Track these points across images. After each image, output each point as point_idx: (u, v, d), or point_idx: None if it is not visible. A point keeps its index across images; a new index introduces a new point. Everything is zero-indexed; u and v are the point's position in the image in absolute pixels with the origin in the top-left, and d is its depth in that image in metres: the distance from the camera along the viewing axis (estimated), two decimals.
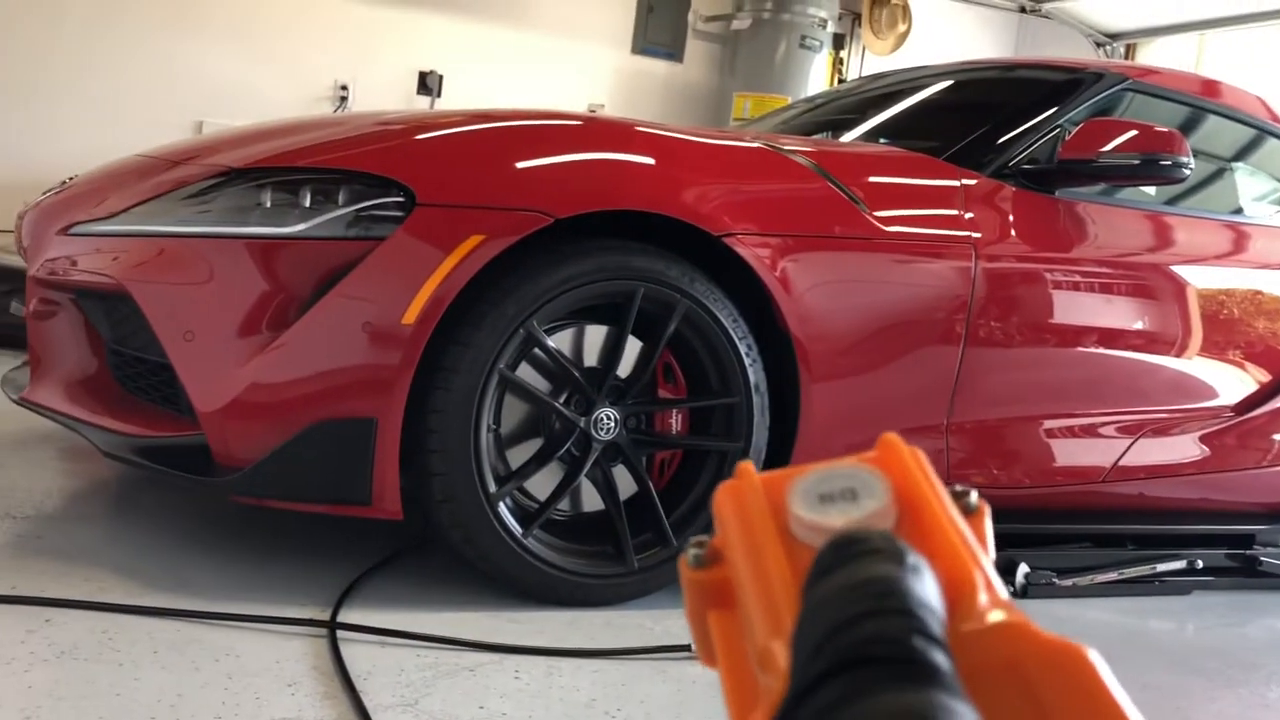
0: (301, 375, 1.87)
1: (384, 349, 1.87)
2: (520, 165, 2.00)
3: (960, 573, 0.37)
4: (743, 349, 2.15)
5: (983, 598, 0.36)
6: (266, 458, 1.87)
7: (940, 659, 0.32)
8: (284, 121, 2.45)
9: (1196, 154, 2.71)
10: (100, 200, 2.14)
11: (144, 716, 1.40)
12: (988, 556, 0.40)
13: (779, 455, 2.23)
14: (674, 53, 6.85)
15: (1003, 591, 0.37)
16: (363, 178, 1.93)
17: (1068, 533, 2.72)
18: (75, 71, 5.20)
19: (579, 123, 2.20)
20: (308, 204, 1.92)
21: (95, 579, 1.86)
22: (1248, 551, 2.97)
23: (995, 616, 0.36)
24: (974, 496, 0.42)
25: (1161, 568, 2.78)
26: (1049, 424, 2.55)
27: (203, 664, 1.58)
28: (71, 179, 2.53)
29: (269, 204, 1.93)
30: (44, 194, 2.46)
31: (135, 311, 1.97)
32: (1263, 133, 3.16)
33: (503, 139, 2.07)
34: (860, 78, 4.22)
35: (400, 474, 1.91)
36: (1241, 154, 3.19)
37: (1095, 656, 0.34)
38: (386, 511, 1.91)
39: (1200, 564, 2.80)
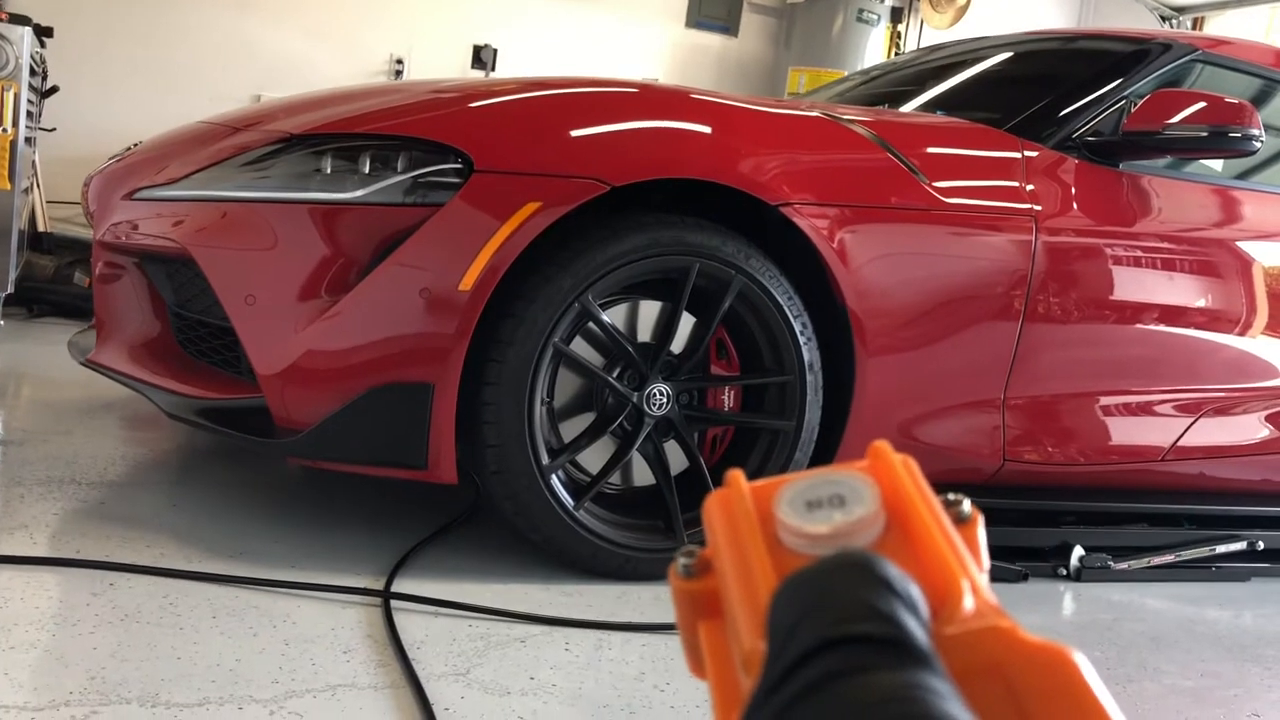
0: (359, 341, 1.89)
1: (441, 315, 1.87)
2: (576, 133, 1.99)
3: (945, 578, 0.37)
4: (797, 327, 2.13)
5: (968, 603, 0.36)
6: (325, 420, 1.89)
7: (923, 640, 0.33)
8: (342, 89, 2.47)
9: (1268, 128, 2.62)
10: (164, 166, 2.17)
11: (204, 679, 1.43)
12: (980, 564, 0.40)
13: (831, 432, 2.22)
14: (729, 26, 6.78)
15: (992, 598, 0.37)
16: (421, 144, 1.93)
17: (1125, 511, 2.66)
18: (140, 47, 5.28)
19: (635, 90, 2.18)
20: (367, 170, 1.92)
21: (157, 545, 1.90)
22: None
23: (979, 621, 0.36)
24: (966, 505, 0.42)
25: (1221, 549, 2.72)
26: (1107, 401, 2.50)
27: (260, 630, 1.61)
28: (136, 145, 2.57)
29: (328, 170, 1.94)
30: (109, 160, 2.51)
31: (198, 275, 2.00)
32: None
33: (559, 106, 2.06)
34: (918, 49, 4.14)
35: (457, 443, 1.93)
36: None
37: (1080, 659, 0.33)
38: (442, 477, 1.93)
39: (1261, 545, 2.74)
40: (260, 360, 1.93)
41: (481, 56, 6.09)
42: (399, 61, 5.83)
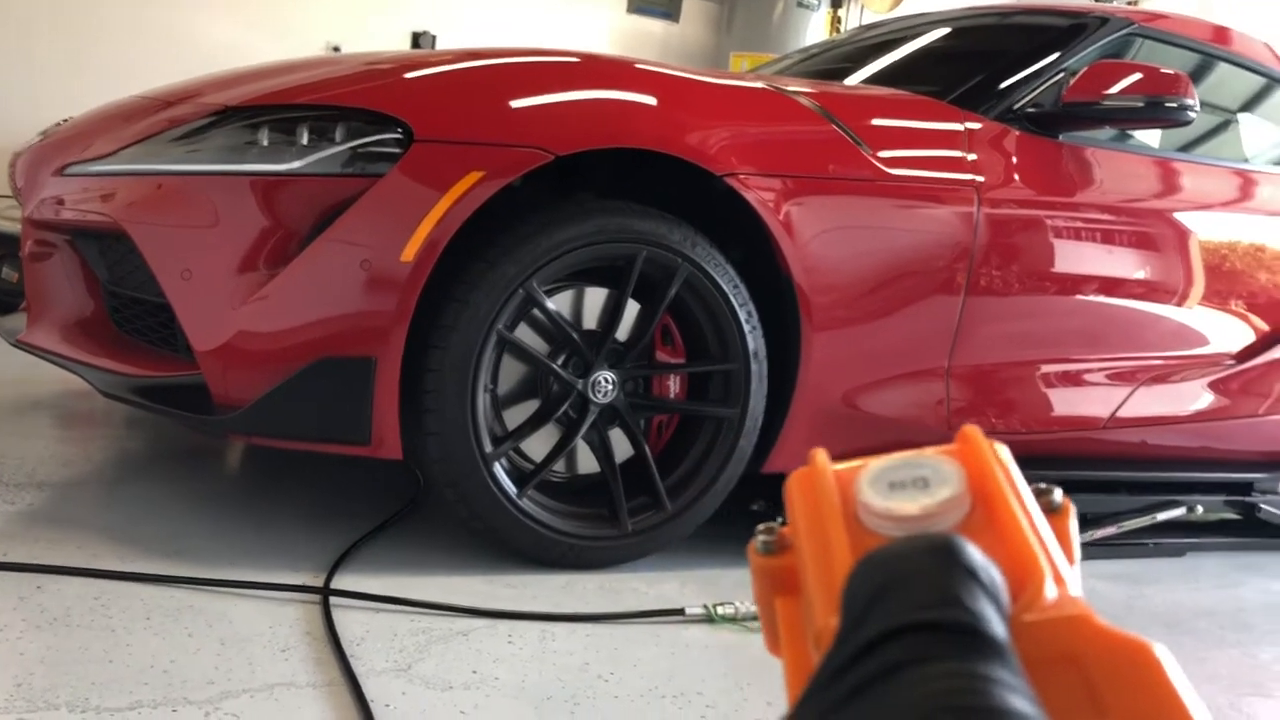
0: (298, 315, 1.86)
1: (382, 287, 1.85)
2: (519, 102, 1.96)
3: (1027, 564, 0.37)
4: (743, 315, 2.13)
5: (1050, 591, 0.36)
6: (265, 396, 1.86)
7: (998, 629, 0.32)
8: (276, 63, 2.42)
9: (1204, 103, 2.67)
10: (95, 141, 2.12)
11: (136, 682, 1.40)
12: (1070, 554, 0.39)
13: (775, 406, 2.21)
14: (669, 12, 6.77)
15: (1077, 589, 0.37)
16: (360, 114, 1.90)
17: (1068, 479, 2.71)
18: (69, 39, 5.15)
19: (578, 60, 2.15)
20: (305, 141, 1.89)
21: (88, 546, 1.86)
22: (1246, 499, 2.97)
23: (1058, 610, 0.35)
24: (1058, 495, 0.42)
25: (1161, 516, 2.77)
26: (1049, 371, 2.52)
27: (196, 630, 1.58)
28: (65, 121, 2.51)
29: (265, 142, 1.91)
30: (39, 135, 2.45)
31: (132, 251, 1.96)
32: (1272, 81, 3.11)
33: (501, 76, 2.03)
34: (858, 27, 4.16)
35: (401, 420, 1.90)
36: (1250, 103, 3.14)
37: (1163, 652, 0.33)
38: (386, 452, 1.90)
39: (1200, 510, 2.80)
40: (197, 336, 1.89)
41: (420, 43, 6.03)
42: (336, 49, 5.75)
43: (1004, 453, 0.42)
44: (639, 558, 2.13)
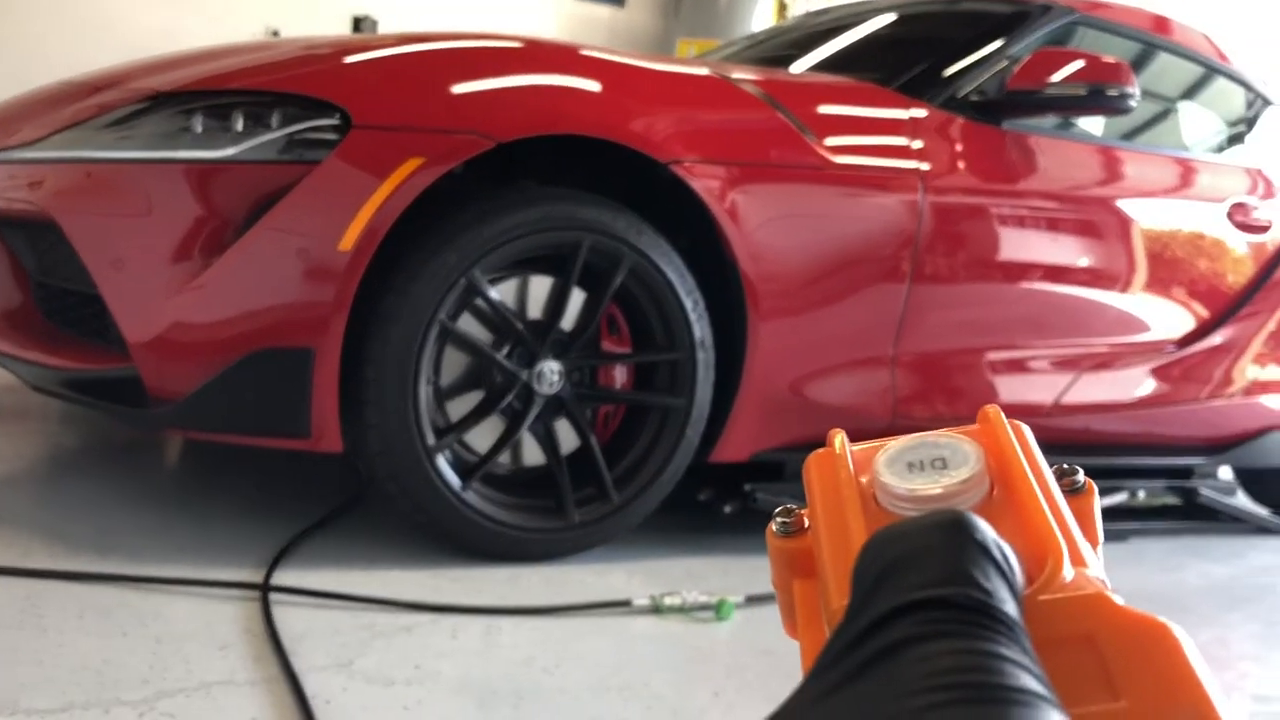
0: (234, 305, 1.83)
1: (319, 276, 1.82)
2: (460, 87, 1.94)
3: (1044, 543, 0.36)
4: (689, 304, 2.12)
5: (1067, 570, 0.35)
6: (201, 388, 1.83)
7: (1009, 607, 0.32)
8: (208, 48, 2.37)
9: (1144, 91, 2.71)
10: (21, 127, 2.05)
11: (68, 683, 1.37)
12: (1093, 536, 0.39)
13: (719, 395, 2.21)
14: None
15: (1097, 570, 0.36)
16: (297, 100, 1.86)
17: None
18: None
19: (520, 45, 2.13)
20: (240, 128, 1.85)
21: (19, 544, 1.81)
22: (1187, 483, 3.03)
23: (1074, 589, 0.35)
24: (1080, 476, 0.41)
25: (1104, 502, 2.82)
26: (993, 358, 2.55)
27: (130, 629, 1.54)
28: None
29: (199, 128, 1.86)
30: None
31: (61, 240, 1.90)
32: (1210, 70, 3.17)
33: (441, 60, 2.01)
34: (805, 13, 4.17)
35: (341, 413, 1.88)
36: (1189, 92, 3.18)
37: (1180, 633, 0.33)
38: (327, 446, 1.88)
39: (1142, 494, 2.85)
40: (130, 328, 1.85)
41: (362, 28, 5.94)
42: (275, 33, 5.64)
43: (1026, 433, 0.42)
44: (586, 549, 2.12)
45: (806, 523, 0.44)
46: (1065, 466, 0.42)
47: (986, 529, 0.34)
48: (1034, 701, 0.28)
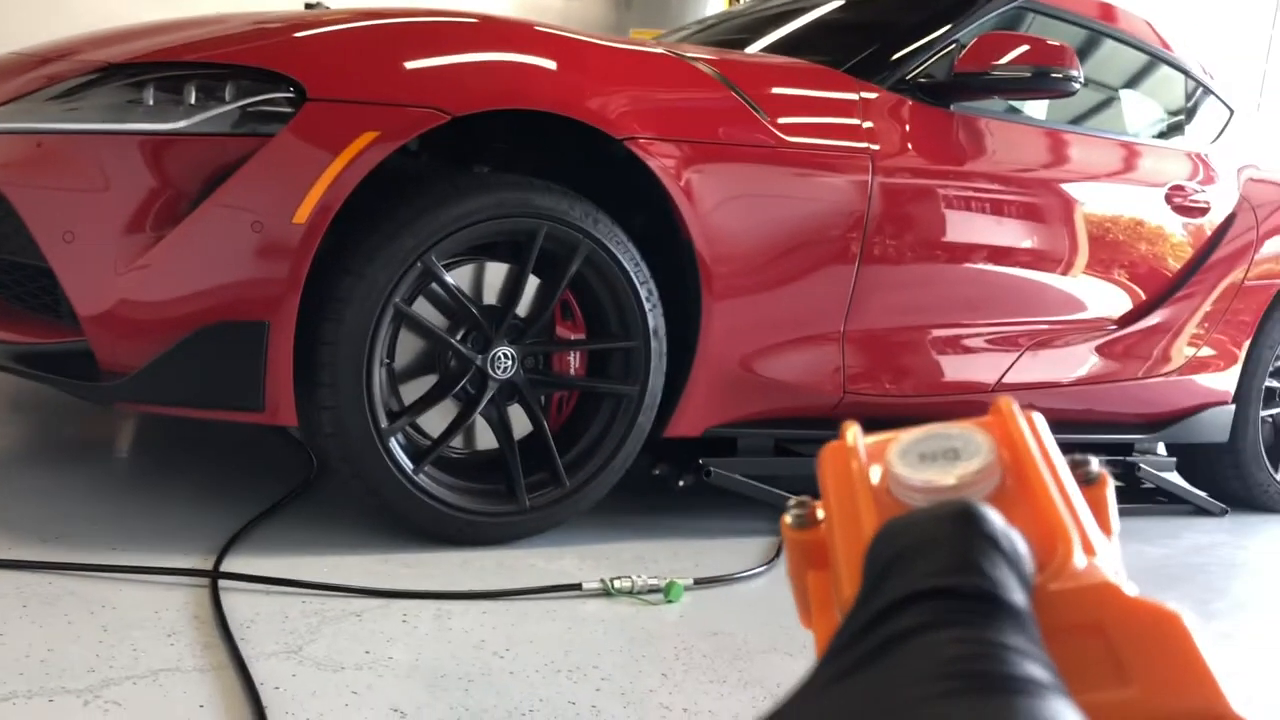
0: (187, 278, 1.80)
1: (274, 249, 1.80)
2: (416, 61, 1.92)
3: (1055, 533, 0.36)
4: (643, 293, 2.12)
5: (1079, 560, 0.35)
6: (154, 361, 1.81)
7: (1017, 596, 0.32)
8: (159, 21, 2.33)
9: (1089, 78, 2.75)
10: None
11: (10, 673, 1.34)
12: (1107, 526, 0.39)
13: (673, 372, 2.22)
14: None
15: (1111, 559, 0.36)
16: (251, 72, 1.83)
17: None
18: None
19: (475, 20, 2.10)
20: (192, 100, 1.82)
21: None
22: (1127, 458, 3.10)
23: (1083, 578, 0.35)
24: (1094, 466, 0.41)
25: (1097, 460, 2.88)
26: (940, 337, 2.58)
27: (76, 617, 1.52)
28: None
29: (151, 101, 1.83)
30: None
31: (9, 213, 1.87)
32: (1154, 58, 3.21)
33: (397, 35, 1.98)
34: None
35: (296, 389, 1.86)
36: (1133, 78, 3.23)
37: (1190, 620, 0.33)
38: (281, 419, 1.86)
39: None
40: (81, 301, 1.82)
41: (312, 7, 5.86)
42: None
43: (1039, 423, 0.42)
44: (537, 533, 2.12)
45: (820, 514, 0.44)
46: (1079, 457, 0.42)
47: (996, 519, 0.34)
48: (1039, 690, 0.28)
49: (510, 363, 2.06)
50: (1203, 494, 3.35)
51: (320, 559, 1.88)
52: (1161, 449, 3.34)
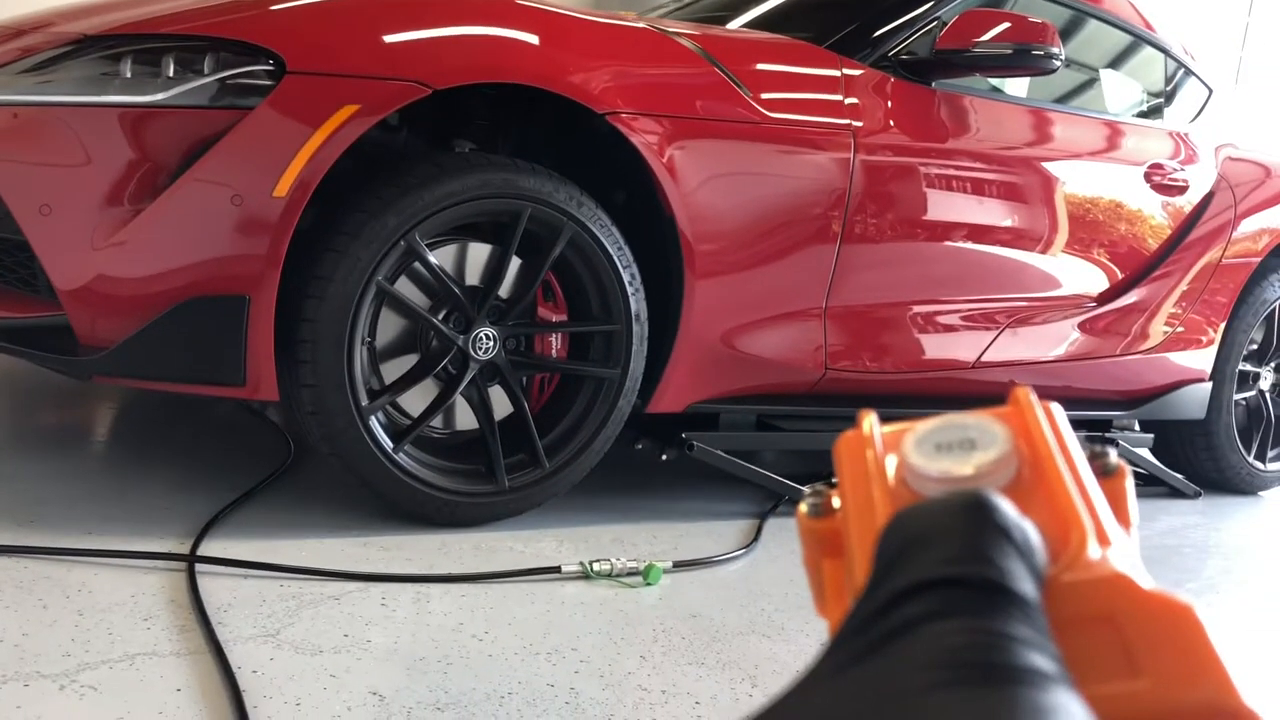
0: (166, 251, 1.77)
1: (254, 223, 1.77)
2: (397, 33, 1.89)
3: (1070, 524, 0.36)
4: (626, 277, 2.11)
5: (1093, 551, 0.35)
6: (134, 336, 1.78)
7: (1026, 586, 0.31)
8: None
9: (1071, 58, 2.75)
10: None
11: None
12: (1125, 517, 0.39)
13: (655, 348, 2.22)
14: None
15: (1126, 550, 0.36)
16: (230, 44, 1.80)
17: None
18: None
19: None
20: (170, 73, 1.78)
21: None
22: (1106, 434, 3.12)
23: (1096, 570, 0.34)
24: (1113, 457, 0.41)
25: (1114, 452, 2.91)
26: (921, 314, 2.57)
27: (51, 601, 1.50)
28: None
29: (128, 73, 1.79)
30: None
31: None
32: (1136, 38, 3.21)
33: (378, 8, 1.95)
34: None
35: (277, 364, 1.85)
36: (1115, 59, 3.22)
37: (1203, 613, 0.32)
38: (262, 394, 1.84)
39: None
40: (59, 275, 1.79)
41: None
42: None
43: (1058, 414, 0.41)
44: (516, 514, 2.11)
45: (836, 503, 0.44)
46: (1098, 449, 0.41)
47: (1007, 508, 0.34)
48: (1042, 681, 0.28)
49: (492, 343, 2.05)
50: (1179, 476, 3.39)
51: (298, 543, 1.86)
52: (1138, 426, 3.38)
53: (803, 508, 0.44)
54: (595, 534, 2.13)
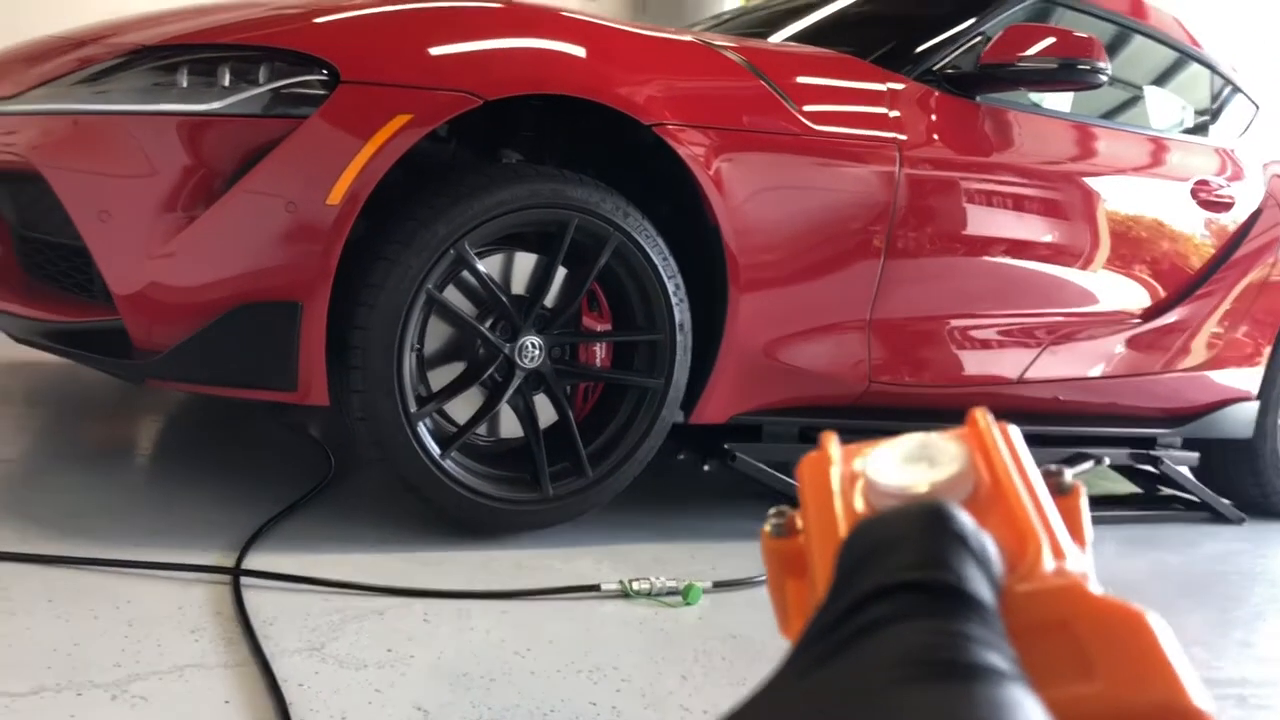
0: (221, 258, 1.78)
1: (308, 229, 1.78)
2: (449, 45, 1.89)
3: (1025, 536, 0.37)
4: (670, 287, 2.09)
5: (1047, 562, 0.36)
6: (188, 340, 1.79)
7: (982, 590, 0.32)
8: (194, 5, 2.30)
9: (1116, 75, 2.70)
10: (5, 79, 1.99)
11: (39, 666, 1.33)
12: (1080, 535, 0.40)
13: (698, 359, 2.21)
14: None
15: (1078, 563, 0.37)
16: (285, 54, 1.81)
17: None
18: None
19: (501, 6, 2.07)
20: (226, 82, 1.79)
21: None
22: (1151, 452, 3.06)
23: (1051, 580, 0.35)
24: (1067, 476, 0.42)
25: (1070, 472, 2.88)
26: (966, 328, 2.54)
27: (102, 612, 1.50)
28: None
29: (184, 82, 1.80)
30: None
31: (45, 192, 1.84)
32: (1182, 54, 3.15)
33: (430, 19, 1.95)
34: None
35: (329, 369, 1.86)
36: (1160, 74, 3.17)
37: (1155, 620, 0.33)
38: (313, 399, 1.84)
39: (1107, 462, 2.93)
40: (116, 280, 1.80)
41: None
42: None
43: (1014, 434, 0.42)
44: (559, 522, 2.10)
45: (799, 524, 0.44)
46: (1053, 468, 0.42)
47: (965, 518, 0.35)
48: (998, 679, 0.29)
49: (537, 352, 2.05)
50: (1224, 501, 3.34)
51: (340, 557, 1.86)
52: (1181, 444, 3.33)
53: (766, 528, 0.45)
54: (634, 552, 2.13)
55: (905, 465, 0.40)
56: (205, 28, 1.92)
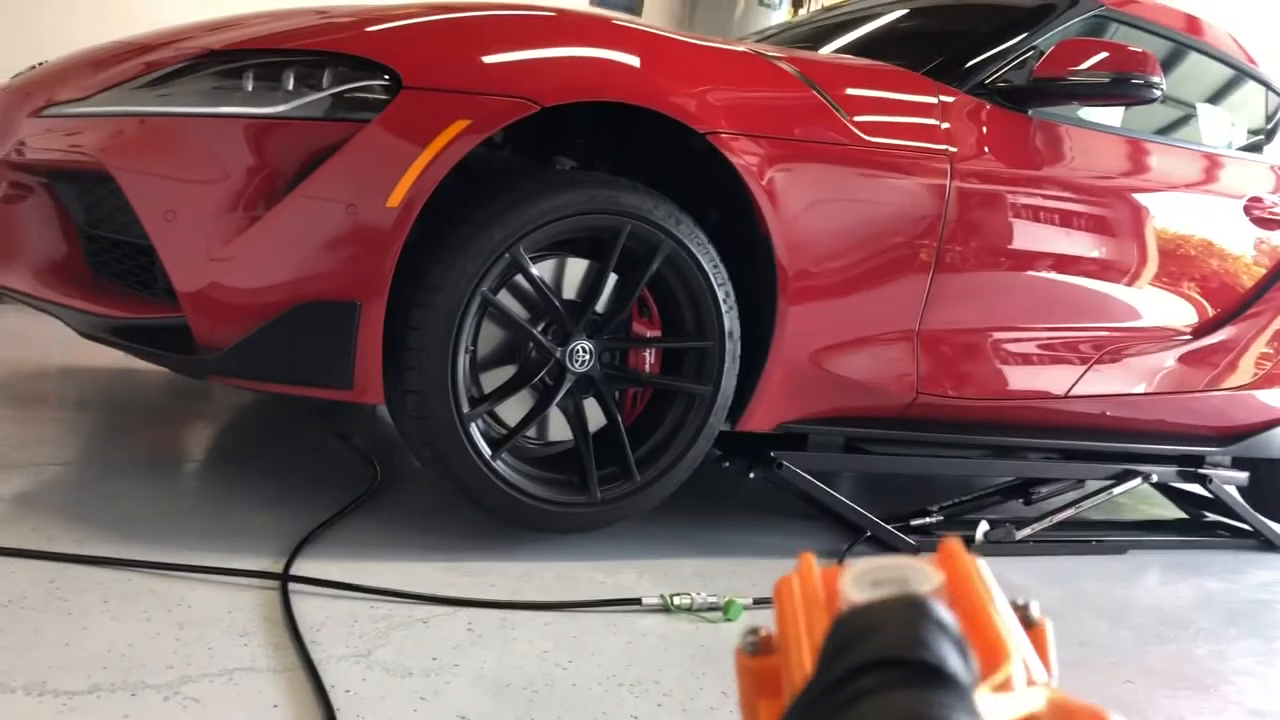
0: (282, 257, 1.78)
1: (368, 231, 1.78)
2: (507, 53, 1.89)
3: (998, 652, 0.38)
4: (720, 295, 2.06)
5: (1018, 677, 0.37)
6: (248, 337, 1.80)
7: (964, 675, 0.34)
8: (261, 12, 2.36)
9: (1172, 89, 2.62)
10: (75, 82, 2.00)
11: (94, 666, 1.33)
12: (1047, 666, 0.41)
13: (746, 367, 2.19)
14: (631, 5, 6.74)
15: (1048, 686, 0.37)
16: (347, 60, 1.81)
17: (1028, 445, 2.72)
18: (26, 14, 5.05)
19: (554, 14, 2.06)
20: (290, 86, 1.80)
21: (43, 528, 1.76)
22: (1199, 470, 2.98)
23: (1027, 695, 0.36)
24: (1035, 610, 0.43)
25: (1118, 490, 2.80)
26: (1016, 341, 2.49)
27: (154, 614, 1.51)
28: (42, 63, 2.37)
29: (249, 86, 1.81)
30: (14, 77, 2.32)
31: (113, 192, 1.86)
32: (1238, 72, 3.06)
33: (488, 27, 1.94)
34: (819, 9, 4.17)
35: (385, 367, 1.87)
36: (1215, 91, 3.09)
37: None
38: (369, 398, 1.85)
39: (1155, 478, 2.90)
40: (180, 277, 1.81)
41: None
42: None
43: (982, 564, 0.43)
44: (606, 525, 2.08)
45: (775, 643, 0.45)
46: (1020, 601, 0.43)
47: (943, 609, 0.36)
48: None
49: (588, 357, 2.04)
50: (1274, 527, 3.29)
51: (385, 565, 1.85)
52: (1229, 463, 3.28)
53: (741, 646, 0.46)
54: (676, 567, 2.12)
55: (880, 584, 0.41)
56: (270, 33, 1.92)
